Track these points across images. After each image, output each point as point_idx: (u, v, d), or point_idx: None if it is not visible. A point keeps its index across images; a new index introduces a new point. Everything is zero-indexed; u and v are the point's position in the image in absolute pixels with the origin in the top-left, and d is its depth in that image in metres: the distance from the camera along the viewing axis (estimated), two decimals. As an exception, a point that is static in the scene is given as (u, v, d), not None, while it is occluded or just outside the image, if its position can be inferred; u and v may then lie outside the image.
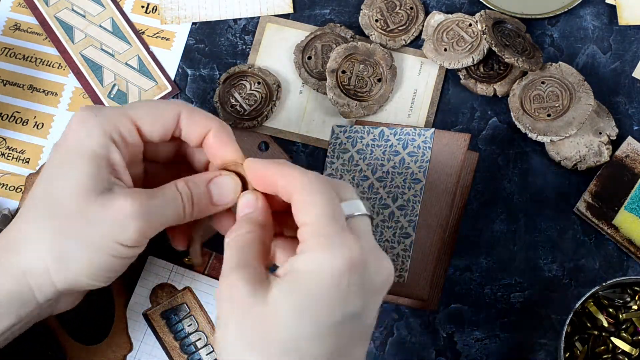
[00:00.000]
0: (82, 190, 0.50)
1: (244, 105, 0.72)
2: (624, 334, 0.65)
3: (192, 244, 0.59)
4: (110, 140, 0.52)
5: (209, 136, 0.55)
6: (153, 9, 0.76)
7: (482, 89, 0.72)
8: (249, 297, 0.46)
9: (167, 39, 0.75)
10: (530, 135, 0.69)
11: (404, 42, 0.73)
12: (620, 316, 0.65)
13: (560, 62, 0.71)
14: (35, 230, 0.51)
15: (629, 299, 0.66)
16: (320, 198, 0.48)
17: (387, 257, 0.49)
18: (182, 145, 0.59)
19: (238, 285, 0.46)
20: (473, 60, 0.70)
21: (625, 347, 0.64)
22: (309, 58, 0.73)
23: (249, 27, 0.75)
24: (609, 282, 0.63)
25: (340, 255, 0.46)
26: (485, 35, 0.69)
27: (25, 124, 0.73)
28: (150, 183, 0.55)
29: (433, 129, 0.68)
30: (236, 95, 0.72)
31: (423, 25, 0.74)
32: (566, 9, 0.73)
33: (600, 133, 0.70)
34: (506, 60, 0.68)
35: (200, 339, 0.67)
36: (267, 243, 0.52)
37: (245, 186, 0.54)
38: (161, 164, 0.59)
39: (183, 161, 0.59)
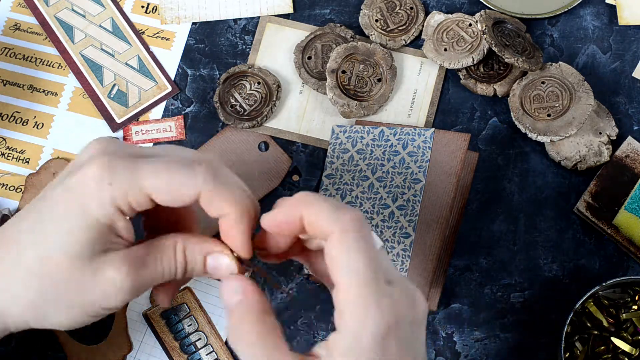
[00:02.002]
0: (76, 254, 0.49)
1: (244, 105, 0.72)
2: (624, 334, 0.65)
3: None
4: (118, 211, 0.49)
5: (224, 221, 0.50)
6: (153, 9, 0.76)
7: (482, 89, 0.72)
8: None
9: (167, 39, 0.75)
10: (530, 135, 0.69)
11: (404, 42, 0.73)
12: (620, 316, 0.65)
13: (560, 62, 0.71)
14: (20, 283, 0.50)
15: (629, 299, 0.66)
16: (359, 258, 0.45)
17: (413, 285, 0.48)
18: None
19: None
20: (473, 60, 0.70)
21: (625, 347, 0.64)
22: (309, 58, 0.73)
23: (249, 27, 0.75)
24: (609, 282, 0.63)
25: (375, 324, 0.44)
26: (485, 35, 0.69)
27: (25, 124, 0.73)
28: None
29: (433, 129, 0.68)
30: (236, 95, 0.72)
31: (423, 25, 0.74)
32: (566, 9, 0.73)
33: (600, 133, 0.70)
34: (506, 60, 0.68)
35: (200, 339, 0.67)
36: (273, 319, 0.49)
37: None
38: None
39: None
